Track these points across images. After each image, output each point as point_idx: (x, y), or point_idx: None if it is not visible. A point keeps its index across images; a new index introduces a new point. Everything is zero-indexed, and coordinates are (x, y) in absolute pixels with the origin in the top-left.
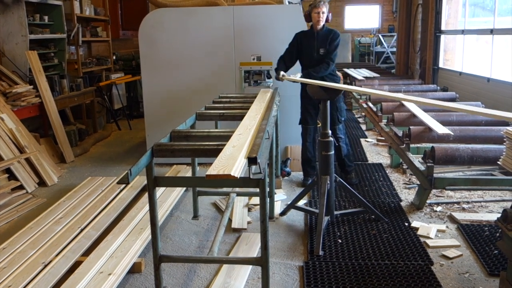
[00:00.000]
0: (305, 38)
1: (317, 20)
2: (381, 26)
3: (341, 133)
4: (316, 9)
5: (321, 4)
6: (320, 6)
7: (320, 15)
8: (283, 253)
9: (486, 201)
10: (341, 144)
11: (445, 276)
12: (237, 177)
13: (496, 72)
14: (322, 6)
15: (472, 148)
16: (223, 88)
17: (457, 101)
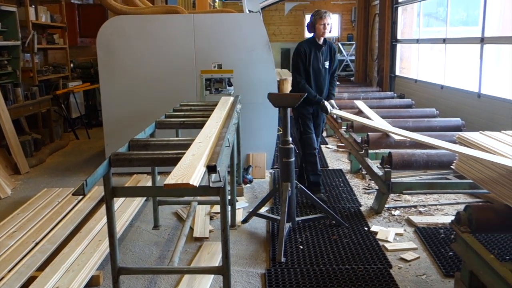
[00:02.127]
0: (312, 50)
1: (323, 32)
2: (340, 35)
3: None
4: (321, 20)
5: (326, 15)
6: (326, 17)
7: (326, 27)
8: (245, 261)
9: (441, 204)
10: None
11: (403, 279)
12: (196, 185)
13: (449, 79)
14: (327, 17)
15: (428, 153)
16: (184, 96)
17: (413, 107)
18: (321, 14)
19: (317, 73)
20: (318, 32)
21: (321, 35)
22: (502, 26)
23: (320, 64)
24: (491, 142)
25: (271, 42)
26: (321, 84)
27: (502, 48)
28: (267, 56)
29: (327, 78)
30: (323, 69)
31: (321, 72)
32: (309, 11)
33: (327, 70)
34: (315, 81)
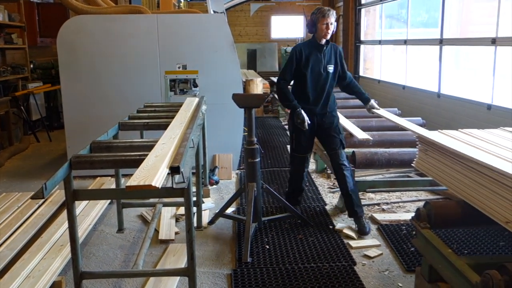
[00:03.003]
0: (312, 52)
1: (325, 33)
2: (305, 36)
3: (345, 160)
4: (324, 19)
5: (330, 13)
6: (329, 16)
7: (329, 27)
8: (212, 262)
9: (403, 201)
10: (346, 174)
11: (367, 275)
12: (159, 187)
13: (410, 80)
14: (331, 16)
15: (389, 152)
16: (148, 97)
17: None
18: (324, 13)
19: (316, 77)
20: (319, 33)
21: (323, 36)
22: (461, 28)
23: (322, 68)
24: (449, 140)
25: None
26: (321, 89)
27: (460, 49)
28: (232, 57)
29: (330, 83)
30: (325, 73)
31: (322, 77)
32: (275, 12)
33: (330, 75)
34: (313, 86)
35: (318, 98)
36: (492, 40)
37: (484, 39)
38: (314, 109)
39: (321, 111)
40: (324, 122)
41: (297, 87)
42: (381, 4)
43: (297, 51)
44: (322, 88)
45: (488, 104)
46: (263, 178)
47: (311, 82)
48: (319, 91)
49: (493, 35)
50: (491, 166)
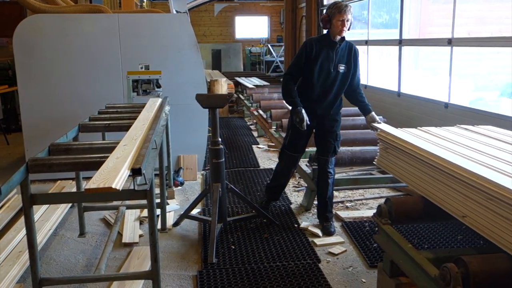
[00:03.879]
0: (323, 48)
1: (341, 29)
2: (270, 36)
3: (332, 168)
4: (340, 15)
5: (347, 10)
6: (346, 13)
7: (345, 24)
8: (177, 264)
9: (366, 198)
10: (329, 181)
11: (331, 272)
12: (119, 189)
13: (372, 79)
14: (348, 12)
15: (352, 150)
16: (110, 98)
17: None
18: (340, 8)
19: (325, 75)
20: (334, 29)
21: (337, 32)
22: (420, 29)
23: (332, 66)
24: (408, 137)
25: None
26: (328, 89)
27: (419, 49)
28: (196, 57)
29: (339, 85)
30: (335, 72)
31: (331, 76)
32: (239, 13)
33: (341, 75)
34: (321, 84)
35: (322, 98)
36: (448, 41)
37: (441, 40)
38: (316, 109)
39: (324, 112)
40: (324, 125)
41: (303, 83)
42: None
43: (307, 45)
44: (329, 88)
45: (446, 102)
46: (228, 178)
47: (318, 80)
48: (325, 91)
49: (449, 36)
50: (447, 162)
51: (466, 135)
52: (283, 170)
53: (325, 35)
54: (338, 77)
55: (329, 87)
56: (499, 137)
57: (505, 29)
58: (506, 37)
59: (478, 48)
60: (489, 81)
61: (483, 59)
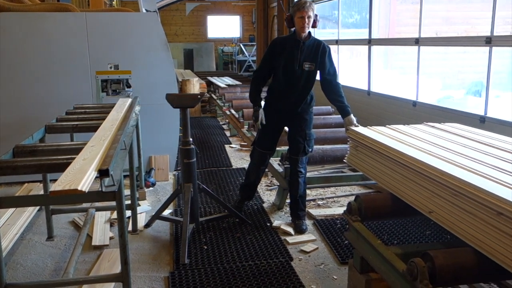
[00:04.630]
0: (287, 47)
1: (302, 26)
2: (242, 36)
3: (303, 167)
4: (300, 12)
5: (306, 6)
6: (306, 9)
7: (305, 20)
8: (148, 266)
9: (338, 196)
10: (300, 181)
11: (303, 270)
12: (85, 191)
13: (342, 79)
14: (308, 9)
15: (323, 148)
16: (78, 99)
17: None
18: (299, 5)
19: (290, 74)
20: (297, 27)
21: (300, 30)
22: (389, 29)
23: (297, 65)
24: (376, 135)
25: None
26: (294, 87)
27: (389, 49)
28: (166, 56)
29: (305, 82)
30: (300, 70)
31: (296, 74)
32: (211, 12)
33: (306, 73)
34: (286, 82)
35: (288, 96)
36: (416, 40)
37: (408, 39)
38: (281, 108)
39: (289, 111)
40: (293, 124)
41: (272, 81)
42: None
43: (272, 44)
44: (294, 86)
45: (414, 101)
46: (200, 178)
47: (283, 78)
48: (291, 88)
49: (417, 36)
50: (414, 159)
51: (432, 132)
52: (253, 167)
53: (291, 34)
54: (304, 75)
55: (294, 85)
56: (464, 134)
57: (471, 29)
58: (472, 36)
59: (445, 47)
60: (456, 79)
61: (451, 59)
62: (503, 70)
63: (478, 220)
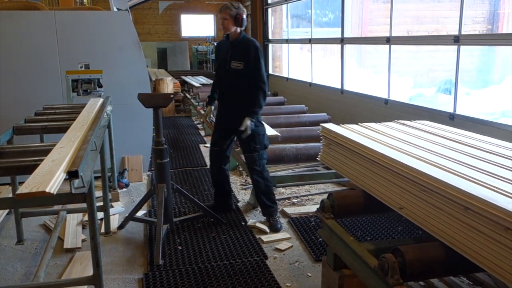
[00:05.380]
0: (222, 48)
1: (220, 27)
2: (216, 35)
3: (257, 164)
4: (219, 14)
5: (221, 9)
6: (221, 11)
7: (222, 22)
8: (122, 268)
9: (312, 194)
10: (256, 178)
11: (278, 268)
12: (53, 193)
13: (317, 77)
14: (222, 12)
15: (297, 147)
16: (48, 99)
17: (285, 104)
18: (219, 9)
19: (222, 74)
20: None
21: (223, 30)
22: (362, 28)
23: (226, 64)
24: (348, 133)
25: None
26: (226, 87)
27: (362, 48)
28: (138, 56)
29: (235, 82)
30: (229, 69)
31: (225, 74)
32: (184, 11)
33: (234, 72)
34: (222, 82)
35: (224, 96)
36: (387, 39)
37: (380, 38)
38: (223, 107)
39: (227, 111)
40: (235, 124)
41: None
42: (286, 4)
43: (216, 46)
44: (227, 85)
45: (386, 99)
46: (174, 178)
47: (220, 78)
48: (225, 88)
49: (388, 35)
50: (385, 156)
51: (403, 130)
52: (210, 168)
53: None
54: (233, 74)
55: (226, 85)
56: (434, 132)
57: (442, 28)
58: (441, 35)
59: (417, 46)
60: (428, 78)
61: (422, 57)
62: (473, 68)
63: (447, 215)
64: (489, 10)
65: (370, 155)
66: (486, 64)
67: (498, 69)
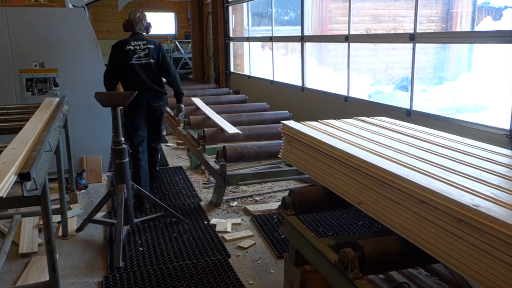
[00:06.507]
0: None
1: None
2: (177, 33)
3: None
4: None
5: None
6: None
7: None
8: (81, 271)
9: (274, 191)
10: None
11: (241, 266)
12: (3, 196)
13: (278, 75)
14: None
15: (258, 144)
16: (1, 99)
17: (247, 102)
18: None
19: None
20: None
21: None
22: (322, 26)
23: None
24: (309, 130)
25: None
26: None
27: (323, 46)
28: (95, 54)
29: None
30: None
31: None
32: (144, 8)
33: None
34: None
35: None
36: (345, 37)
37: (339, 36)
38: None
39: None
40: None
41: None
42: (247, 2)
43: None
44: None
45: (345, 96)
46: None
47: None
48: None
49: (346, 33)
50: (344, 152)
51: (362, 126)
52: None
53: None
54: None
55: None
56: (391, 127)
57: (399, 26)
58: (397, 33)
59: (375, 44)
60: (386, 75)
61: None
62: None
63: (403, 209)
64: (443, 9)
65: (330, 151)
66: (442, 62)
67: (453, 67)
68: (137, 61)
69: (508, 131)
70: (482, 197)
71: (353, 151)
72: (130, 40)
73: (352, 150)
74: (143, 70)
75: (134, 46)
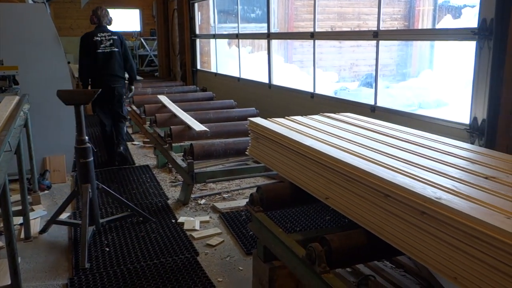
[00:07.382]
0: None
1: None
2: (143, 30)
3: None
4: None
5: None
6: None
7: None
8: (45, 274)
9: (242, 188)
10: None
11: (209, 264)
12: None
13: (245, 72)
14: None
15: (226, 142)
16: None
17: (214, 99)
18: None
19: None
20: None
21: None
22: (288, 23)
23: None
24: (276, 126)
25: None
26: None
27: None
28: (58, 51)
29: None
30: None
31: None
32: (109, 5)
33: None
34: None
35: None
36: (311, 35)
37: (304, 33)
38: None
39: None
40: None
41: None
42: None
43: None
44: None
45: (312, 92)
46: (101, 178)
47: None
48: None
49: (312, 30)
50: (310, 148)
51: (328, 122)
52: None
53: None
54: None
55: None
56: (356, 123)
57: (363, 24)
58: (361, 31)
59: (341, 42)
60: (351, 72)
61: (346, 52)
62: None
63: (369, 203)
64: (406, 8)
65: (297, 147)
66: (404, 59)
67: (415, 64)
68: (103, 50)
69: (468, 125)
70: (443, 189)
71: (319, 146)
72: (96, 32)
73: (319, 146)
74: (108, 57)
75: (101, 37)
